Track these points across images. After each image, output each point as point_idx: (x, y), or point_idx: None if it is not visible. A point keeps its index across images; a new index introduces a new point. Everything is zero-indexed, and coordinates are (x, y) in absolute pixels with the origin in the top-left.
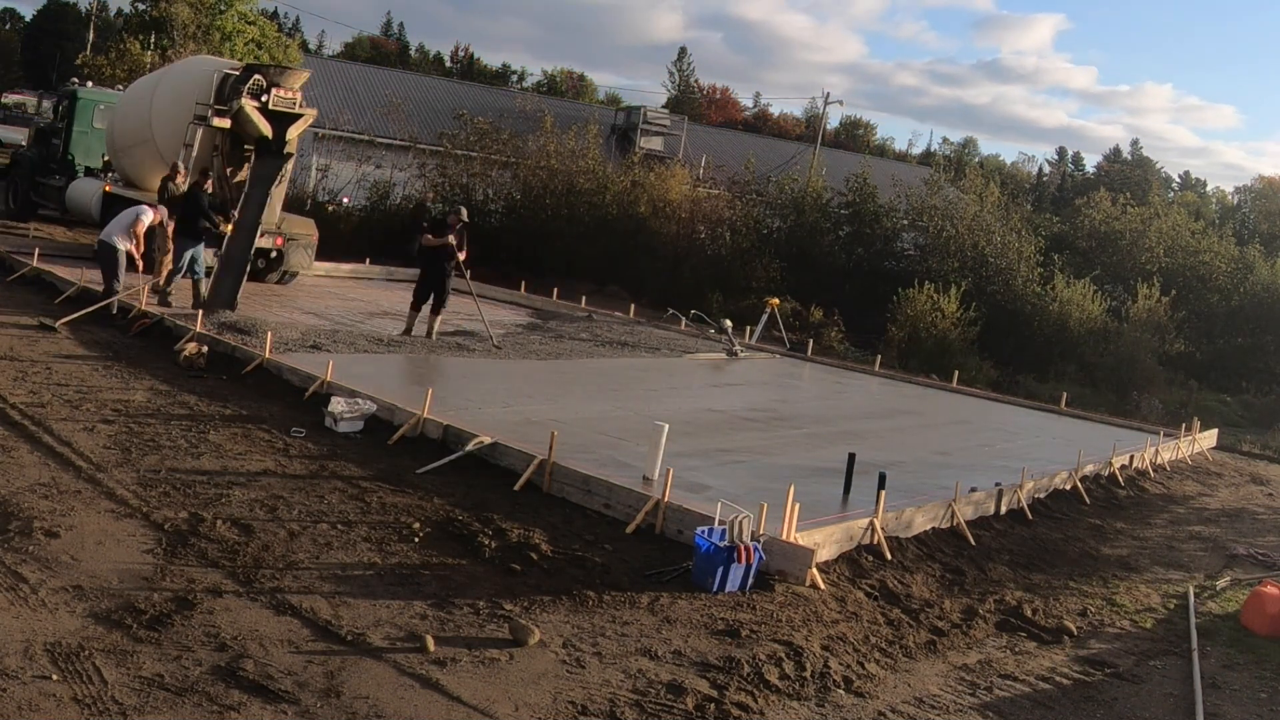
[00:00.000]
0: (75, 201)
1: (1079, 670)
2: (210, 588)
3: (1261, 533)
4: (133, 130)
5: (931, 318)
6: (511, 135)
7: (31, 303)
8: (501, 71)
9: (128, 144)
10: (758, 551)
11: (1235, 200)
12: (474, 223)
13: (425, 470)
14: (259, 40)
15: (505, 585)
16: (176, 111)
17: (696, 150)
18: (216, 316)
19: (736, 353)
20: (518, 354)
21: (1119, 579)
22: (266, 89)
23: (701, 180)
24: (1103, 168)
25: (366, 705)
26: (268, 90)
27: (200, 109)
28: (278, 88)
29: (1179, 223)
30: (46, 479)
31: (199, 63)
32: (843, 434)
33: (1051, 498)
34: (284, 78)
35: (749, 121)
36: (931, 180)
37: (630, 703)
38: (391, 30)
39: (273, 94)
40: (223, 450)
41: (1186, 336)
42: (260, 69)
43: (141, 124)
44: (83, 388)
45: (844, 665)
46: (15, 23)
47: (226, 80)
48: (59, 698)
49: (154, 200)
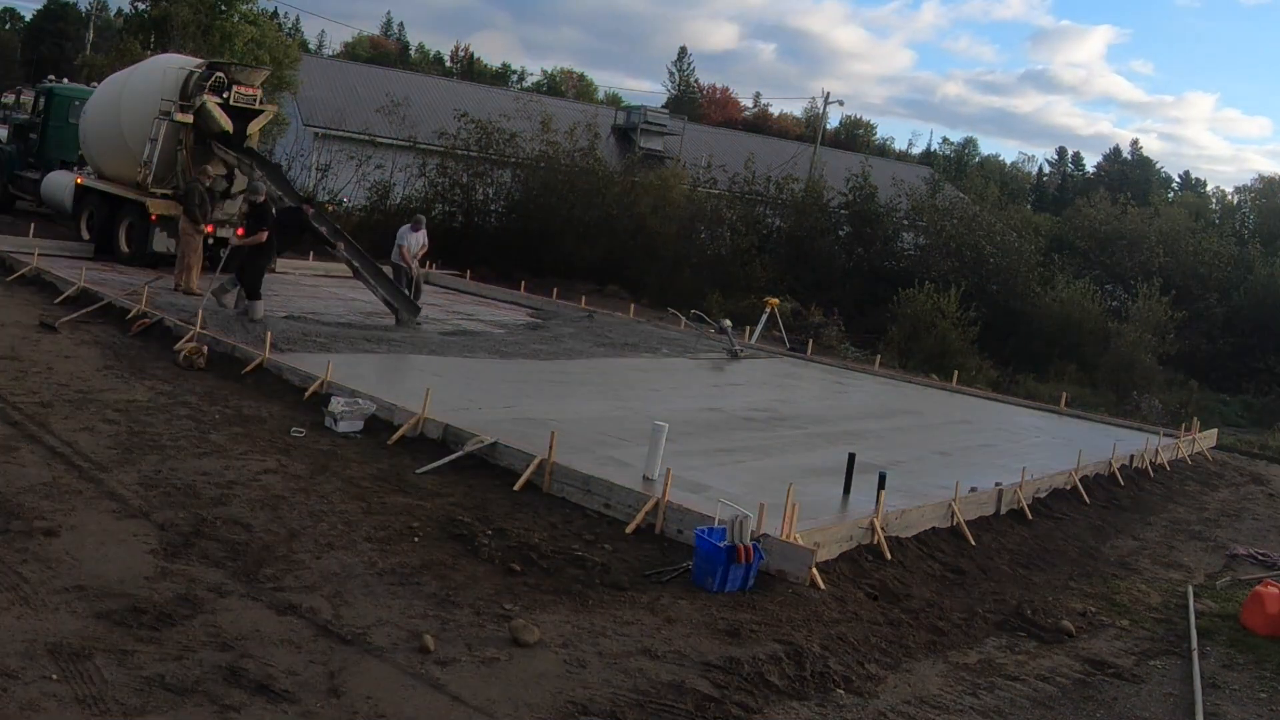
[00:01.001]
0: (50, 194)
1: (1079, 670)
2: (212, 587)
3: (1261, 533)
4: (103, 125)
5: (931, 318)
6: (512, 135)
7: (32, 302)
8: (502, 71)
9: (99, 138)
10: (758, 551)
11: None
12: (474, 222)
13: (425, 470)
14: (259, 40)
15: (505, 585)
16: (143, 107)
17: (697, 150)
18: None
19: (737, 353)
20: (518, 354)
21: (1119, 579)
22: (228, 85)
23: (701, 180)
24: (1103, 167)
25: (368, 705)
26: (229, 87)
27: (165, 105)
28: (239, 84)
29: (1179, 223)
30: (48, 479)
31: (165, 60)
32: (843, 434)
33: (1051, 497)
34: (244, 75)
35: (749, 121)
36: (932, 180)
37: (632, 702)
38: (391, 30)
39: (234, 90)
40: (224, 450)
41: (1186, 336)
42: (222, 66)
43: (111, 119)
44: (84, 387)
45: (844, 665)
46: (15, 23)
47: (190, 77)
48: (60, 697)
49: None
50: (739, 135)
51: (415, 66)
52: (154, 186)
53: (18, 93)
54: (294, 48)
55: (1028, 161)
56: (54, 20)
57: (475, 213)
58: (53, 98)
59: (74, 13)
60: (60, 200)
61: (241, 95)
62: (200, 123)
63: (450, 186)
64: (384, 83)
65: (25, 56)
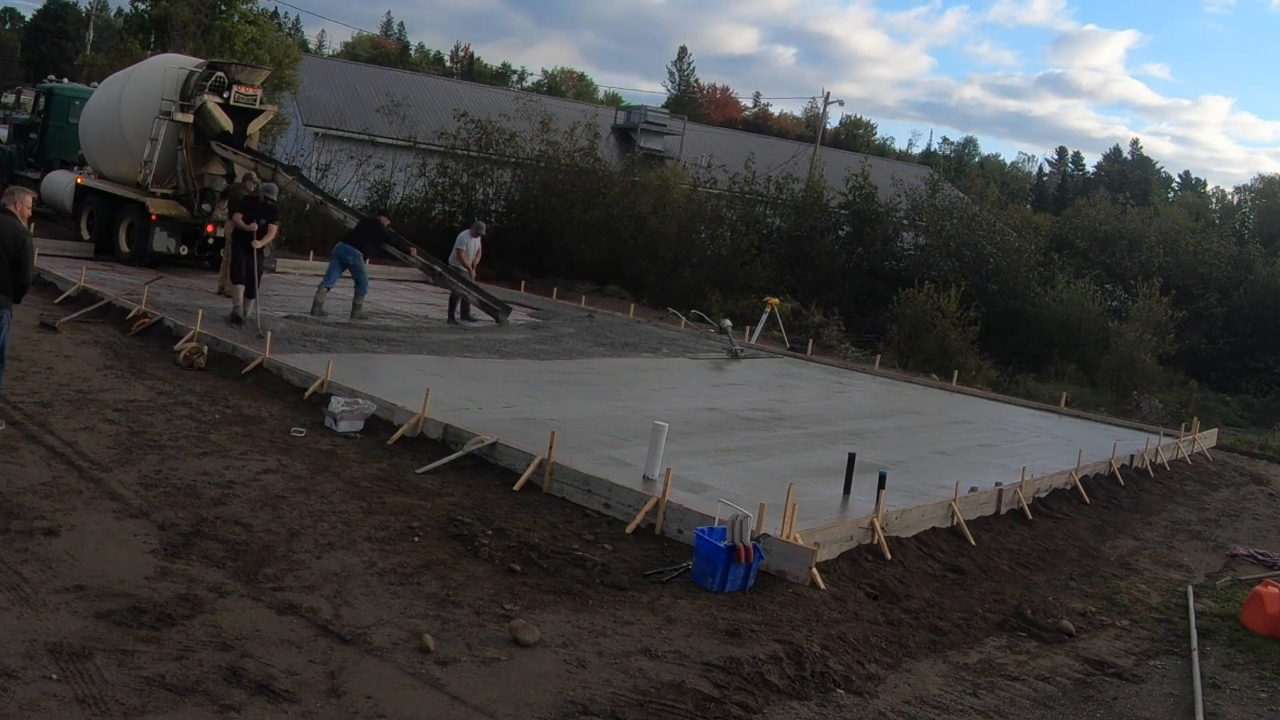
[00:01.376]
0: (50, 193)
1: (1079, 670)
2: (212, 587)
3: (1261, 533)
4: (104, 125)
5: (931, 317)
6: (512, 135)
7: (32, 302)
8: (502, 71)
9: (99, 138)
10: (758, 551)
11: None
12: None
13: (425, 470)
14: (259, 40)
15: (506, 585)
16: (144, 107)
17: (697, 150)
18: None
19: (737, 352)
20: (518, 354)
21: (1119, 579)
22: (228, 85)
23: (702, 180)
24: (1103, 167)
25: (368, 705)
26: (229, 87)
27: (166, 105)
28: (239, 84)
29: (1179, 223)
30: (48, 478)
31: (165, 60)
32: (843, 434)
33: (1052, 497)
34: (245, 74)
35: (749, 121)
36: (931, 180)
37: (632, 702)
38: (391, 30)
39: (234, 90)
40: (224, 450)
41: (1186, 336)
42: (222, 66)
43: (112, 119)
44: (84, 387)
45: (844, 665)
46: (15, 23)
47: (191, 77)
48: (61, 697)
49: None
50: (739, 135)
51: (415, 66)
52: (154, 186)
53: (18, 93)
54: (294, 47)
55: (1028, 161)
56: (54, 20)
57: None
58: (53, 98)
59: (74, 13)
60: (60, 200)
61: (242, 95)
62: (200, 123)
63: (450, 186)
64: (384, 83)
65: (25, 56)
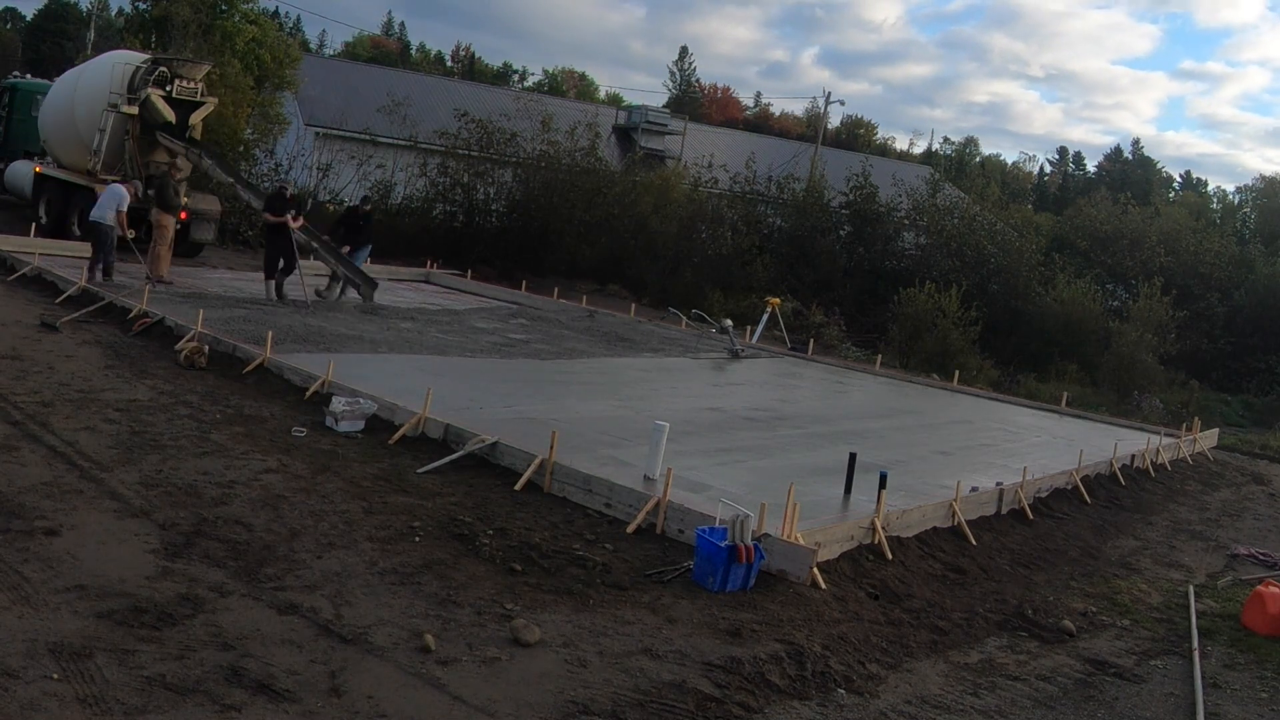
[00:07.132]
0: (12, 181)
1: (1080, 670)
2: (213, 587)
3: (1262, 532)
4: (59, 117)
5: (932, 317)
6: (513, 135)
7: (33, 302)
8: (503, 71)
9: (55, 130)
10: (759, 551)
11: (1236, 200)
12: (475, 222)
13: (426, 470)
14: (260, 39)
15: (506, 584)
16: (94, 100)
17: (698, 150)
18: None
19: (738, 352)
20: (518, 354)
21: (1120, 578)
22: (171, 79)
23: (702, 180)
24: (1103, 167)
25: (369, 704)
26: (172, 80)
27: (114, 98)
28: (180, 78)
29: (1180, 222)
30: (49, 478)
31: (114, 56)
32: (843, 433)
33: (1052, 497)
34: (186, 69)
35: (750, 121)
36: (932, 180)
37: (633, 702)
38: (393, 30)
39: (176, 84)
40: (225, 449)
41: (1187, 336)
42: (165, 61)
43: (66, 112)
44: (85, 387)
45: (845, 664)
46: (16, 23)
47: (137, 72)
48: (61, 697)
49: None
50: (740, 135)
51: (416, 66)
52: (103, 174)
53: None
54: (295, 47)
55: (1029, 161)
56: (55, 20)
57: (476, 212)
58: (16, 92)
59: (75, 12)
60: (21, 188)
61: (184, 88)
62: (145, 114)
63: (451, 186)
64: (385, 82)
65: (26, 56)
